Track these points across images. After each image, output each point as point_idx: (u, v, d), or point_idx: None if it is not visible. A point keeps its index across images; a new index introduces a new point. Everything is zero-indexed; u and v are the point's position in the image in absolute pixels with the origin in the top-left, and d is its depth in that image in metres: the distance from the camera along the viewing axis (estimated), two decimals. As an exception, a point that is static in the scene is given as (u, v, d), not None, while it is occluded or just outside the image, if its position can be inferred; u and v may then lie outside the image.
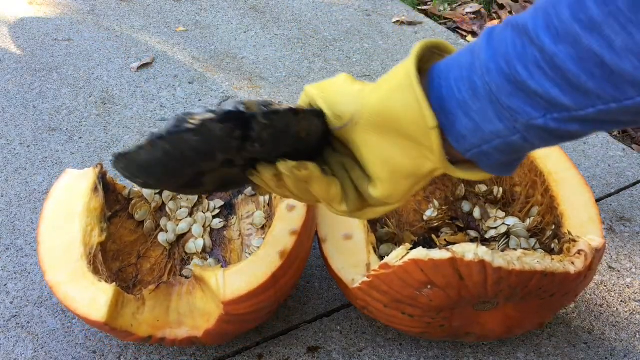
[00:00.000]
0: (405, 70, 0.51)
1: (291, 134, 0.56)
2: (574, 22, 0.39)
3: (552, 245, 0.84)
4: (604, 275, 0.96)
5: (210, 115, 0.51)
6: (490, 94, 0.46)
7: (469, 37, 1.72)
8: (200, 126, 0.51)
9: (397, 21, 1.67)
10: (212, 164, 0.57)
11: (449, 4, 1.84)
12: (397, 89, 0.51)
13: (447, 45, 0.53)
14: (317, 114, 0.57)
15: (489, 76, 0.45)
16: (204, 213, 0.96)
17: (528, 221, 0.90)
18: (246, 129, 0.53)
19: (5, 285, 0.95)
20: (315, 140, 0.59)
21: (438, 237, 0.94)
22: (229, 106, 0.52)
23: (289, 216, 0.80)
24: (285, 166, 0.58)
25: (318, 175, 0.58)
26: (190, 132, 0.51)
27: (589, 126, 0.43)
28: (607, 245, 1.00)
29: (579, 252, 0.73)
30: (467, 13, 1.81)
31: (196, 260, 0.90)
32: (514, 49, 0.43)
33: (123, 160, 0.56)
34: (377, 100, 0.53)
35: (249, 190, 0.95)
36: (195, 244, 0.93)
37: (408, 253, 0.72)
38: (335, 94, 0.57)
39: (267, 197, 0.91)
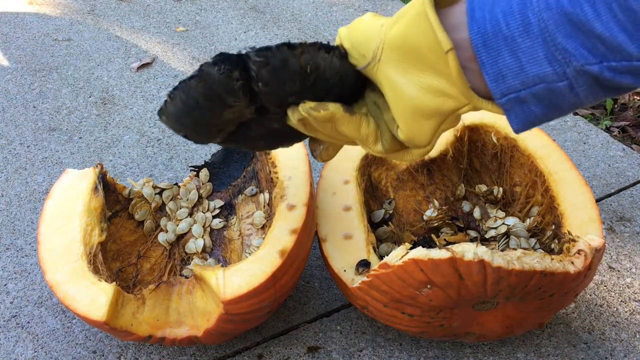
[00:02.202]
0: None
1: (294, 70, 0.55)
2: None
3: (552, 245, 0.84)
4: (604, 275, 0.96)
5: (207, 62, 0.56)
6: (545, 32, 0.43)
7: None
8: (200, 72, 0.55)
9: (397, 21, 1.67)
10: (234, 111, 0.59)
11: (449, 4, 1.84)
12: (413, 18, 0.49)
13: None
14: (326, 48, 0.57)
15: (547, 13, 0.43)
16: (204, 213, 0.96)
17: (528, 221, 0.90)
18: (243, 69, 0.55)
19: (5, 285, 0.96)
20: (348, 82, 0.59)
21: (438, 237, 0.94)
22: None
23: (289, 216, 0.80)
24: (303, 107, 0.57)
25: (342, 115, 0.57)
26: (194, 79, 0.56)
27: None
28: (607, 245, 1.00)
29: (578, 252, 0.73)
30: (467, 13, 1.80)
31: (196, 260, 0.90)
32: None
33: (163, 116, 0.61)
34: (396, 32, 0.51)
35: (249, 190, 0.95)
36: (195, 244, 0.93)
37: (408, 252, 0.72)
38: (359, 31, 0.55)
39: (267, 196, 0.91)
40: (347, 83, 0.59)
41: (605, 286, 0.94)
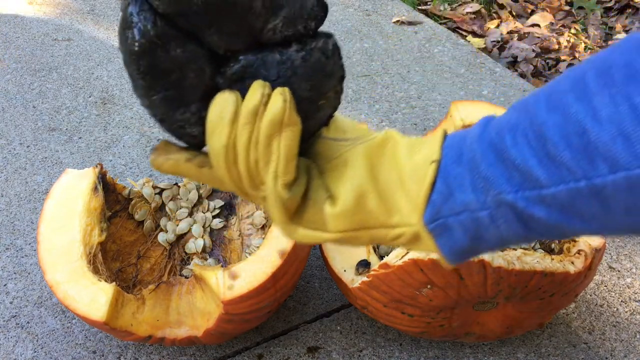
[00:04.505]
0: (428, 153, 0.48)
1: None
2: (570, 92, 0.39)
3: (552, 245, 0.84)
4: (604, 275, 0.96)
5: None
6: (472, 161, 0.45)
7: (469, 37, 1.72)
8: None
9: (397, 21, 1.67)
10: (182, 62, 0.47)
11: (449, 4, 1.84)
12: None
13: None
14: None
15: (477, 143, 0.45)
16: (204, 213, 0.96)
17: (528, 221, 0.90)
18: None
19: (5, 285, 0.96)
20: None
21: (438, 237, 0.94)
22: None
23: (289, 216, 0.80)
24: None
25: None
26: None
27: (554, 213, 0.42)
28: (607, 245, 1.00)
29: (578, 252, 0.73)
30: (467, 13, 1.81)
31: (196, 260, 0.90)
32: (507, 121, 0.43)
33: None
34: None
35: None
36: (195, 244, 0.93)
37: (408, 253, 0.72)
38: (345, 121, 0.53)
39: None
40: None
41: (605, 286, 0.94)
